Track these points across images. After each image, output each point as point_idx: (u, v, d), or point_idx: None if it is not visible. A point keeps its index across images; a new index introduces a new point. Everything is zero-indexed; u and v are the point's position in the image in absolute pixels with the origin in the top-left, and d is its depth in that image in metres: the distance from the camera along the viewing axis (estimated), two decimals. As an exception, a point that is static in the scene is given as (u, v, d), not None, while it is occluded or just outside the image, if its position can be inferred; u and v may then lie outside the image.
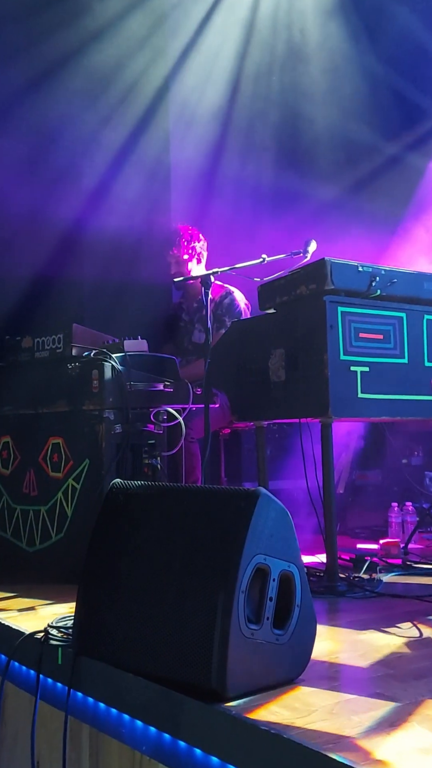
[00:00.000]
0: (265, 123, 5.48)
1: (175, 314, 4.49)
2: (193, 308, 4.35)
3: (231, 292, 4.16)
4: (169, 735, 1.70)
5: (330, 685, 1.81)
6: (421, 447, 4.83)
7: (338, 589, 2.78)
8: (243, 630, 1.69)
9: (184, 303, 4.42)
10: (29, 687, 2.12)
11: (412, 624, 2.34)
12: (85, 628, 1.94)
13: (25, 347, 3.37)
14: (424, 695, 1.72)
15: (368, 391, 2.96)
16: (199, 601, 1.72)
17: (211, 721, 1.63)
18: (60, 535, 3.10)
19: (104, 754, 1.94)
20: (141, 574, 1.87)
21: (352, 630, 2.32)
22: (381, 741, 1.47)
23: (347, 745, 1.44)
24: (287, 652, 1.79)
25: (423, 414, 3.18)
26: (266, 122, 5.48)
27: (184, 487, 1.96)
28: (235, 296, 4.16)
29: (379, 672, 1.90)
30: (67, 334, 3.20)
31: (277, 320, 3.23)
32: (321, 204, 5.25)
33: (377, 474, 5.16)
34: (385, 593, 2.75)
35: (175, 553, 1.83)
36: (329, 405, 2.85)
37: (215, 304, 4.12)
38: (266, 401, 3.21)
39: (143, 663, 1.79)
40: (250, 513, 1.74)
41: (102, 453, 2.99)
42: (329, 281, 2.93)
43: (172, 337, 4.42)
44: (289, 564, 1.81)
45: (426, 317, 3.16)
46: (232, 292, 4.17)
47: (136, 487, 2.02)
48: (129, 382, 3.06)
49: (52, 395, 3.18)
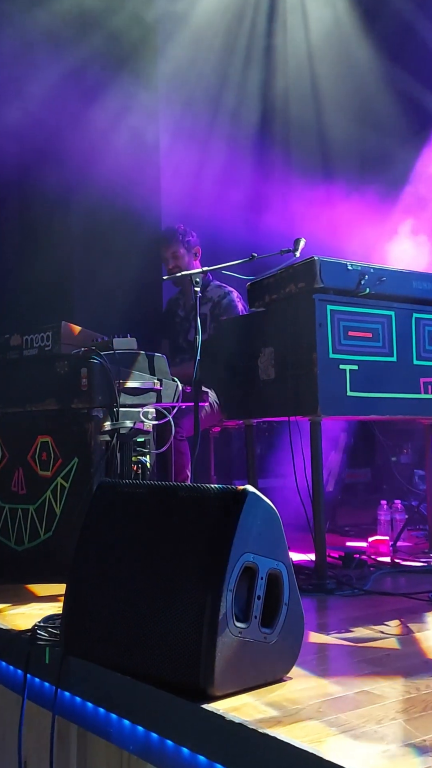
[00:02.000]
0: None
1: (170, 309, 4.45)
2: (191, 306, 4.33)
3: (230, 292, 4.14)
4: (156, 734, 1.70)
5: (317, 683, 1.82)
6: (410, 445, 4.85)
7: (327, 587, 2.79)
8: (231, 629, 1.68)
9: (182, 299, 4.40)
10: (16, 687, 2.12)
11: (400, 622, 2.35)
12: (72, 628, 1.93)
13: (14, 345, 3.35)
14: (411, 693, 1.72)
15: (357, 389, 2.96)
16: (187, 600, 1.72)
17: (198, 719, 1.62)
18: (49, 534, 3.09)
19: (92, 753, 1.93)
20: (129, 573, 1.86)
21: (341, 628, 2.32)
22: (368, 739, 1.47)
23: (334, 744, 1.44)
24: (275, 650, 1.79)
25: (412, 412, 3.19)
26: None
27: (171, 485, 1.95)
28: (233, 297, 4.13)
29: (367, 670, 1.90)
30: (56, 332, 3.19)
31: (267, 318, 3.23)
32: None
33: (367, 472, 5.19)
34: (373, 591, 2.76)
35: (163, 552, 1.82)
36: (318, 403, 2.86)
37: (213, 304, 4.12)
38: (256, 399, 3.21)
39: (131, 662, 1.78)
40: (238, 512, 1.74)
41: (91, 451, 2.98)
42: (318, 279, 2.93)
43: (167, 334, 4.38)
44: (277, 562, 1.81)
45: (415, 315, 3.16)
46: (230, 292, 4.14)
47: (123, 485, 2.02)
48: (118, 380, 3.05)
49: (40, 393, 3.17)
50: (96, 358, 3.02)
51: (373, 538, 3.58)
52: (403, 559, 3.32)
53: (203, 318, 4.11)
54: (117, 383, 3.04)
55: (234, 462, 4.68)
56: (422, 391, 3.16)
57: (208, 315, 4.11)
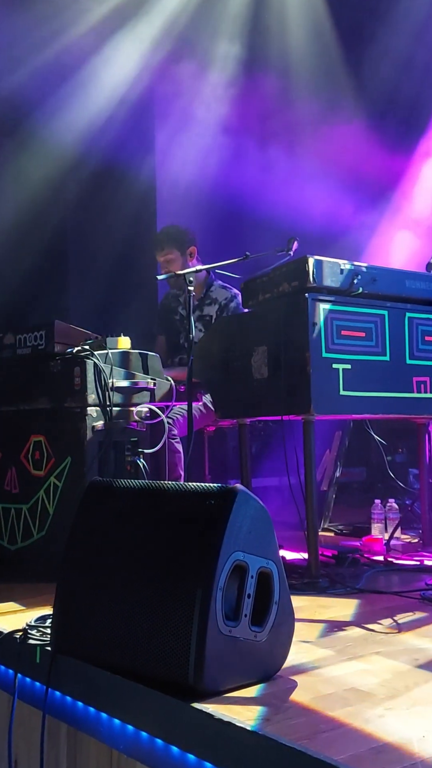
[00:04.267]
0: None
1: (167, 305, 4.36)
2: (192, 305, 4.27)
3: (236, 295, 4.08)
4: (146, 733, 1.70)
5: (307, 681, 1.82)
6: (405, 444, 4.85)
7: (320, 586, 2.79)
8: (221, 627, 1.68)
9: (181, 296, 4.34)
10: (7, 686, 2.11)
11: (392, 620, 2.35)
12: (62, 627, 1.93)
13: (7, 344, 3.35)
14: (401, 691, 1.73)
15: (350, 388, 2.97)
16: (177, 599, 1.72)
17: (188, 718, 1.62)
18: (42, 533, 3.09)
19: (82, 752, 1.93)
20: (119, 572, 1.86)
21: (332, 626, 2.32)
22: (356, 736, 1.47)
23: (323, 741, 1.45)
24: (265, 648, 1.79)
25: (405, 411, 3.19)
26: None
27: (161, 484, 1.95)
28: (240, 300, 4.10)
29: (357, 668, 1.91)
30: (49, 330, 3.18)
31: (260, 318, 3.23)
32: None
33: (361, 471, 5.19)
34: (366, 589, 2.76)
35: (153, 550, 1.82)
36: (311, 402, 2.86)
37: (220, 307, 4.10)
38: (249, 399, 3.21)
39: (121, 661, 1.78)
40: (227, 510, 1.74)
41: (84, 451, 2.97)
42: (311, 279, 2.93)
43: (162, 330, 4.32)
44: (267, 561, 1.81)
45: (407, 315, 3.17)
46: (237, 294, 4.09)
47: (114, 484, 2.02)
48: (111, 379, 3.05)
49: (33, 392, 3.17)
50: (89, 357, 3.02)
51: (366, 537, 3.58)
52: (396, 557, 3.32)
53: (209, 319, 4.11)
54: (110, 382, 3.03)
55: (228, 461, 4.67)
56: (415, 390, 3.16)
57: (213, 317, 4.10)
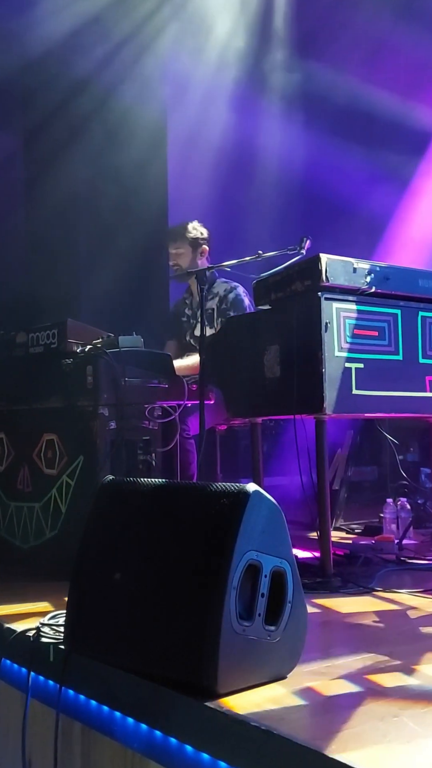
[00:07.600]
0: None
1: (177, 312, 4.45)
2: (197, 303, 4.31)
3: (236, 287, 4.14)
4: (160, 732, 1.70)
5: (321, 680, 1.81)
6: (417, 443, 4.83)
7: (332, 585, 2.78)
8: (234, 626, 1.68)
9: (188, 298, 4.39)
10: (21, 684, 2.12)
11: (405, 619, 2.34)
12: (76, 626, 1.93)
13: (20, 342, 3.35)
14: (415, 691, 1.72)
15: (363, 387, 2.96)
16: (190, 598, 1.71)
17: (202, 717, 1.62)
18: (54, 532, 3.09)
19: (96, 751, 1.93)
20: (133, 571, 1.86)
21: (345, 625, 2.32)
22: (371, 736, 1.46)
23: (337, 740, 1.44)
24: (279, 648, 1.79)
25: (417, 410, 3.18)
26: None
27: (175, 483, 1.96)
28: (239, 291, 4.13)
29: (371, 668, 1.90)
30: (62, 329, 3.18)
31: (272, 316, 3.22)
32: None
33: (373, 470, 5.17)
34: (378, 589, 2.75)
35: (166, 549, 1.82)
36: (324, 401, 2.85)
37: (220, 299, 4.12)
38: (261, 397, 3.20)
39: (135, 660, 1.78)
40: (241, 509, 1.74)
41: (96, 449, 2.97)
42: (324, 277, 2.92)
43: (173, 335, 4.39)
44: (281, 560, 1.80)
45: (420, 314, 3.16)
46: (236, 286, 4.14)
47: (127, 483, 2.02)
48: (124, 378, 3.05)
49: (46, 391, 3.17)
50: (102, 355, 3.02)
51: (378, 536, 3.58)
52: (408, 557, 3.31)
53: (210, 312, 4.12)
54: (123, 381, 3.03)
55: (240, 460, 4.66)
56: (428, 389, 3.15)
57: (214, 310, 4.11)
